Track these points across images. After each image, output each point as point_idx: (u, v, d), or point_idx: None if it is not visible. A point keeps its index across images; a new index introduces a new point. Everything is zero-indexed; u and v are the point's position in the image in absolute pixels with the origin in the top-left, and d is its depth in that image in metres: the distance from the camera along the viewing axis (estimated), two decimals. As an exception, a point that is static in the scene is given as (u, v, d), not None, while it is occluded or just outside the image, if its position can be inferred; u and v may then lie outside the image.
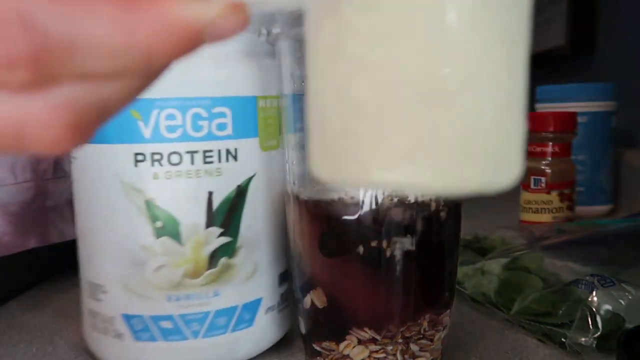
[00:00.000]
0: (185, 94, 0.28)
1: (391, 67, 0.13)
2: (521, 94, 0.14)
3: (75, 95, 0.13)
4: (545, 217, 0.61)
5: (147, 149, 0.28)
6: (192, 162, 0.28)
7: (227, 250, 0.30)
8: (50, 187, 0.43)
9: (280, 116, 0.31)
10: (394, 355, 0.27)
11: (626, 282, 0.33)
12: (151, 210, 0.28)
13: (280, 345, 0.33)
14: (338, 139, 0.14)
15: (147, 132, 0.28)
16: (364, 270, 0.27)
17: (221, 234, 0.29)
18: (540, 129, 0.62)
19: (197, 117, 0.28)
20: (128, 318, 0.29)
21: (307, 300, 0.28)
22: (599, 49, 0.90)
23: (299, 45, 0.29)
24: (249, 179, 0.30)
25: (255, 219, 0.30)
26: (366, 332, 0.27)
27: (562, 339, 0.32)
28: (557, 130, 0.62)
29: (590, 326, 0.31)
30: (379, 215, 0.26)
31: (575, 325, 0.32)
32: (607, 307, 0.32)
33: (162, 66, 0.13)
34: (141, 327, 0.29)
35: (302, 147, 0.28)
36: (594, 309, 0.32)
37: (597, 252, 0.41)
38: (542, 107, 0.76)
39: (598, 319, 0.32)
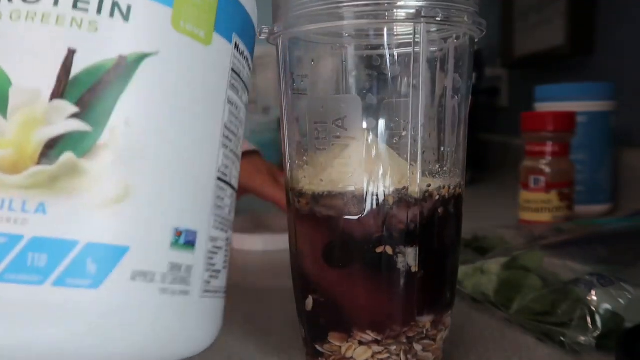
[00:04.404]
0: None
1: None
2: None
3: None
4: (544, 217, 0.61)
5: None
6: (56, 3, 0.20)
7: (79, 143, 0.19)
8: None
9: (215, 7, 0.23)
10: (397, 355, 0.27)
11: (625, 282, 0.33)
12: None
13: (279, 344, 0.33)
14: None
15: None
16: (366, 275, 0.27)
17: (74, 116, 0.19)
18: (539, 128, 0.62)
19: None
20: None
21: (308, 302, 0.28)
22: (598, 48, 0.90)
23: (299, 45, 0.29)
24: (143, 56, 0.21)
25: (142, 117, 0.20)
26: (368, 334, 0.27)
27: (562, 338, 0.32)
28: (556, 129, 0.62)
29: (590, 325, 0.32)
30: (379, 216, 0.26)
31: (574, 324, 0.32)
32: (607, 306, 0.32)
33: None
34: None
35: (304, 148, 0.28)
36: (594, 308, 0.32)
37: (596, 252, 0.41)
38: (541, 107, 0.76)
39: (597, 318, 0.32)
